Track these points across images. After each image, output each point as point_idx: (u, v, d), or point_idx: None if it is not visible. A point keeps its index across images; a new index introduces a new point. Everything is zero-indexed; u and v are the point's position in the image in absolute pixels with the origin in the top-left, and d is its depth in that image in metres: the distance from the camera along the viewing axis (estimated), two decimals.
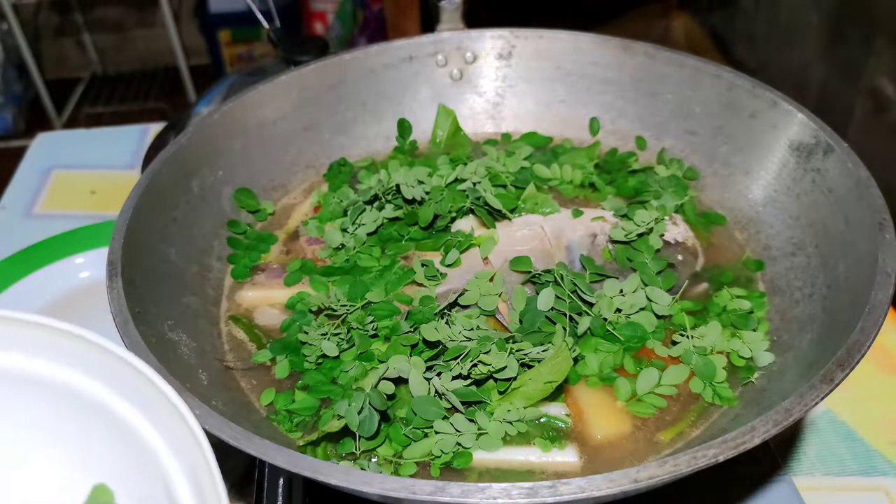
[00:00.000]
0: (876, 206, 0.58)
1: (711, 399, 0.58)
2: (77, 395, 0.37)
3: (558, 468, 0.55)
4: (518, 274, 0.66)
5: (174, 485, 0.34)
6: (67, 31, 3.11)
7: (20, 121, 2.88)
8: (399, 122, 0.86)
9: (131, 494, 0.37)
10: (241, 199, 0.76)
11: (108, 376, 0.36)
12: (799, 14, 1.92)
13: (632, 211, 0.71)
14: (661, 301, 0.63)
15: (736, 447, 0.43)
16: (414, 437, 0.55)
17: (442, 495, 0.41)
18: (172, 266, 0.66)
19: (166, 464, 0.35)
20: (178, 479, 0.34)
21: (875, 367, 0.80)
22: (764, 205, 0.72)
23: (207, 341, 0.64)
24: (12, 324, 0.36)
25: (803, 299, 0.63)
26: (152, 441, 0.36)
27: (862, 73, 1.63)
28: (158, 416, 0.35)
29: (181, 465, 0.34)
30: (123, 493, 0.37)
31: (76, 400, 0.37)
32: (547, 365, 0.55)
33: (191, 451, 0.33)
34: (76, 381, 0.37)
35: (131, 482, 0.37)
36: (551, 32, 0.84)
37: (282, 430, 0.58)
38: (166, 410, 0.35)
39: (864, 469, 0.71)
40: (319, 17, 2.79)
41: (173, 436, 0.35)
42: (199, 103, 1.02)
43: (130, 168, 1.15)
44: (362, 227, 0.73)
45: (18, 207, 1.08)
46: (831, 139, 0.65)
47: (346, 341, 0.62)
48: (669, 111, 0.81)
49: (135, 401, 0.36)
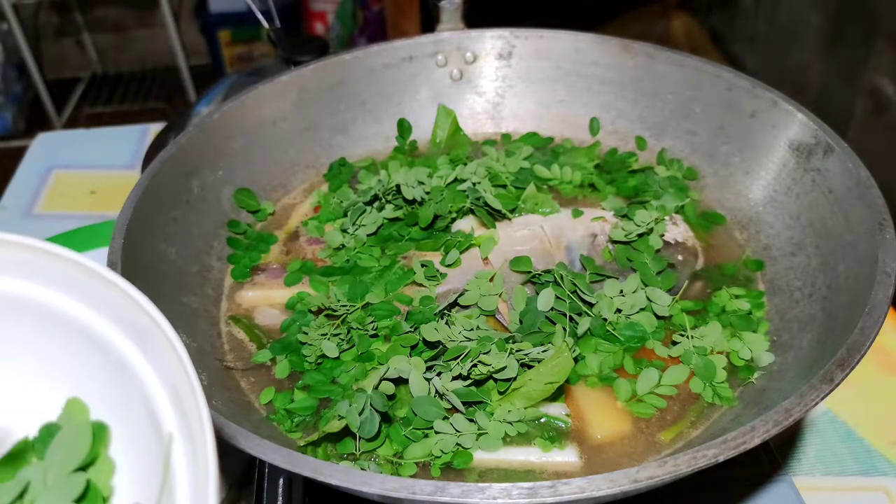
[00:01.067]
0: (876, 206, 0.58)
1: (711, 399, 0.58)
2: (52, 312, 0.36)
3: (558, 468, 0.55)
4: (518, 274, 0.66)
5: (155, 403, 0.34)
6: (67, 31, 3.11)
7: (20, 121, 2.87)
8: (399, 122, 0.86)
9: (109, 410, 0.36)
10: (241, 199, 0.76)
11: (87, 294, 0.35)
12: (799, 14, 1.92)
13: (632, 211, 0.71)
14: (661, 301, 0.63)
15: (736, 447, 0.43)
16: (414, 438, 0.55)
17: (442, 495, 0.41)
18: (172, 266, 0.66)
19: (147, 382, 0.34)
20: (159, 398, 0.34)
21: (875, 367, 0.80)
22: (764, 205, 0.72)
23: (207, 341, 0.64)
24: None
25: (803, 299, 0.63)
26: (132, 358, 0.35)
27: (862, 73, 1.63)
28: (143, 338, 0.34)
29: (164, 385, 0.34)
30: (101, 409, 0.36)
31: (50, 315, 0.36)
32: (547, 365, 0.55)
33: (173, 372, 0.33)
34: (52, 297, 0.36)
35: (109, 398, 0.36)
36: (551, 32, 0.84)
37: (282, 430, 0.58)
38: (148, 328, 0.34)
39: (864, 469, 0.71)
40: (319, 17, 2.79)
41: (155, 355, 0.34)
42: (199, 103, 1.02)
43: (130, 168, 1.15)
44: (362, 228, 0.73)
45: (18, 207, 1.08)
46: (831, 139, 0.65)
47: (346, 341, 0.62)
48: (669, 111, 0.81)
49: (114, 318, 0.35)
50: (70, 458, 0.34)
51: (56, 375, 0.38)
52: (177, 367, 0.33)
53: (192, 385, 0.31)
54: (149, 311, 0.33)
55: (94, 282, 0.35)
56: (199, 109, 1.00)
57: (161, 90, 3.06)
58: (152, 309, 0.33)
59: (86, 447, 0.35)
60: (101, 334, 0.36)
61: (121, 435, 0.36)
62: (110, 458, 0.36)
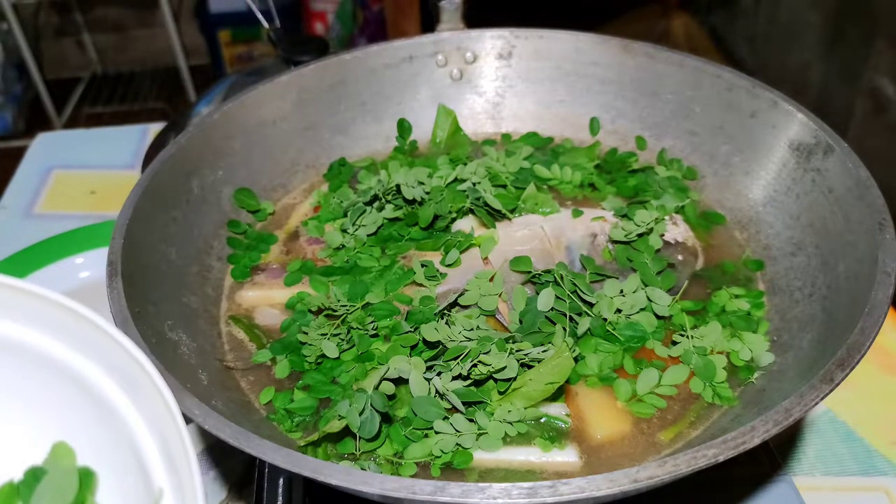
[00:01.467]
0: (876, 206, 0.58)
1: (711, 399, 0.58)
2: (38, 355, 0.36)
3: (558, 468, 0.55)
4: (518, 274, 0.66)
5: (144, 453, 0.34)
6: (67, 31, 3.11)
7: (20, 121, 2.88)
8: (399, 122, 0.86)
9: (96, 455, 0.36)
10: (241, 199, 0.76)
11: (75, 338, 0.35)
12: (799, 14, 1.92)
13: (632, 211, 0.71)
14: (661, 301, 0.63)
15: (736, 447, 0.43)
16: (414, 438, 0.55)
17: (442, 495, 0.41)
18: (172, 266, 0.66)
19: (136, 431, 0.34)
20: (149, 448, 0.34)
21: (875, 367, 0.80)
22: (764, 205, 0.72)
23: (207, 341, 0.64)
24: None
25: (803, 299, 0.63)
26: (123, 408, 0.34)
27: (862, 73, 1.63)
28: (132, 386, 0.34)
29: (153, 436, 0.34)
30: (89, 454, 0.36)
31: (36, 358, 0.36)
32: (548, 365, 0.55)
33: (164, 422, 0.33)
34: (39, 340, 0.36)
35: (97, 444, 0.36)
36: (551, 32, 0.84)
37: (282, 430, 0.58)
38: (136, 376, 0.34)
39: (864, 469, 0.71)
40: (319, 17, 2.79)
41: (146, 405, 0.34)
42: (199, 103, 1.02)
43: (130, 168, 1.15)
44: (362, 228, 0.73)
45: (18, 207, 1.08)
46: (831, 139, 0.65)
47: (346, 341, 0.62)
48: (669, 111, 0.81)
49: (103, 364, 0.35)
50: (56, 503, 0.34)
51: (42, 419, 0.37)
52: (166, 418, 0.32)
53: (182, 438, 0.31)
54: (138, 358, 0.33)
55: (82, 326, 0.34)
56: (199, 109, 1.00)
57: (161, 90, 3.06)
58: (141, 356, 0.33)
59: (72, 493, 0.34)
60: (89, 379, 0.35)
61: (108, 481, 0.36)
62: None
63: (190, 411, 0.46)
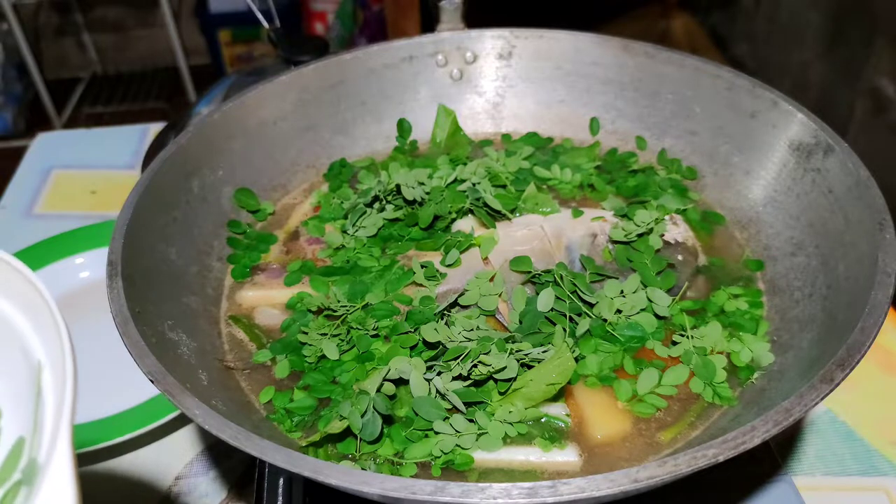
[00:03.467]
0: (876, 206, 0.58)
1: (711, 399, 0.58)
2: None
3: (559, 468, 0.55)
4: (518, 274, 0.66)
5: (26, 340, 0.35)
6: (67, 31, 3.11)
7: (20, 121, 2.88)
8: (399, 122, 0.86)
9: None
10: (241, 199, 0.76)
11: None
12: (799, 14, 1.92)
13: (632, 211, 0.71)
14: (662, 301, 0.63)
15: (736, 447, 0.43)
16: (414, 438, 0.55)
17: (442, 495, 0.41)
18: (172, 266, 0.66)
19: (15, 323, 0.36)
20: (28, 335, 0.35)
21: (875, 367, 0.80)
22: (764, 205, 0.72)
23: (207, 341, 0.64)
24: None
25: (803, 299, 0.63)
26: (5, 310, 0.36)
27: (862, 73, 1.63)
28: (8, 287, 0.36)
29: (28, 319, 0.35)
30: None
31: None
32: (549, 366, 0.55)
33: (33, 304, 0.34)
34: None
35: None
36: (551, 32, 0.84)
37: (282, 430, 0.58)
38: (15, 280, 0.35)
39: (864, 469, 0.71)
40: (319, 17, 2.79)
41: (15, 295, 0.35)
42: (199, 103, 1.02)
43: (130, 168, 1.15)
44: (362, 230, 0.73)
45: (18, 207, 1.08)
46: (831, 139, 0.65)
47: (346, 342, 0.62)
48: (669, 111, 0.81)
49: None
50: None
51: None
52: (33, 295, 0.34)
53: (49, 307, 0.33)
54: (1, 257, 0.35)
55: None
56: (199, 109, 1.00)
57: (161, 90, 3.06)
58: (3, 254, 0.35)
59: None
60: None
61: (2, 382, 0.37)
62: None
63: (190, 411, 0.46)
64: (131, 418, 0.71)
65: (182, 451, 0.74)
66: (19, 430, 0.36)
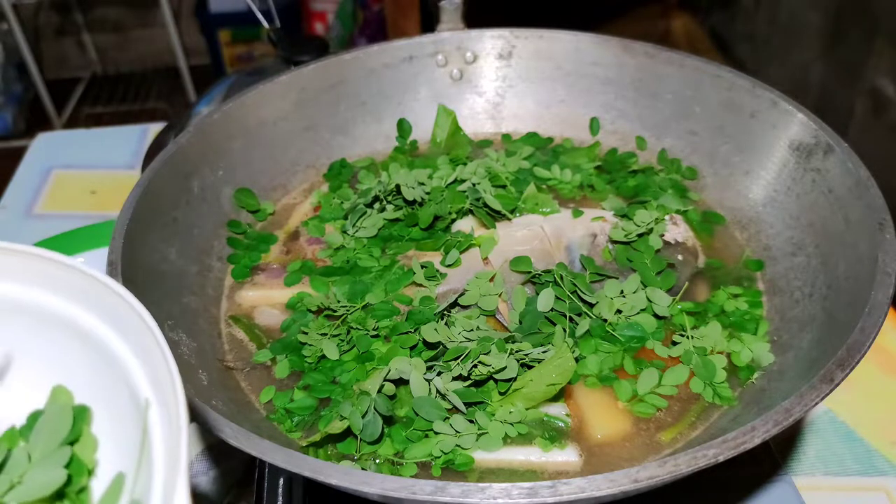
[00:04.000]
0: (876, 206, 0.58)
1: (711, 399, 0.58)
2: (42, 313, 0.38)
3: (559, 468, 0.55)
4: (518, 274, 0.66)
5: (132, 376, 0.35)
6: (67, 31, 3.11)
7: (20, 121, 2.87)
8: (399, 122, 0.86)
9: (92, 392, 0.38)
10: (241, 199, 0.76)
11: (60, 287, 0.37)
12: (799, 14, 1.92)
13: (632, 211, 0.71)
14: (662, 302, 0.63)
15: (736, 447, 0.43)
16: (414, 438, 0.55)
17: (442, 495, 0.41)
18: (172, 266, 0.66)
19: (123, 358, 0.36)
20: (135, 371, 0.35)
21: (875, 367, 0.80)
22: (764, 205, 0.72)
23: (207, 341, 0.64)
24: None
25: (803, 299, 0.63)
26: (108, 339, 0.36)
27: (862, 73, 1.63)
28: (111, 314, 0.36)
29: (136, 356, 0.35)
30: (85, 392, 0.38)
31: (40, 316, 0.38)
32: (549, 366, 0.55)
33: (145, 344, 0.34)
34: (42, 299, 0.38)
35: (92, 381, 0.37)
36: (551, 32, 0.84)
37: (282, 430, 0.58)
38: (116, 306, 0.35)
39: (864, 469, 0.71)
40: (319, 17, 2.79)
41: (128, 331, 0.35)
42: (199, 103, 1.02)
43: (130, 168, 1.15)
44: (363, 231, 0.73)
45: (18, 207, 1.08)
46: (831, 139, 0.65)
47: (347, 342, 0.62)
48: (669, 111, 0.81)
49: (88, 305, 0.37)
50: (53, 436, 0.36)
51: (41, 368, 0.39)
52: (144, 332, 0.34)
53: (163, 350, 0.33)
54: (116, 290, 0.35)
55: (62, 273, 0.36)
56: (199, 109, 1.00)
57: (161, 90, 3.06)
58: (118, 287, 0.35)
59: (67, 426, 0.36)
60: (78, 322, 0.37)
61: (104, 413, 0.38)
62: (93, 435, 0.37)
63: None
64: None
65: None
66: (119, 465, 0.36)
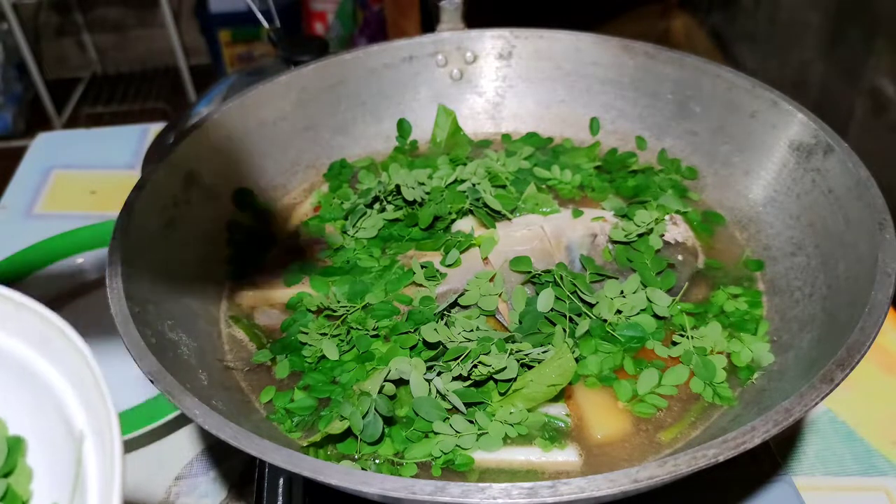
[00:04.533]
0: (876, 206, 0.58)
1: (711, 399, 0.58)
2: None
3: (559, 468, 0.55)
4: (518, 274, 0.66)
5: (66, 405, 0.35)
6: (67, 31, 3.11)
7: (20, 121, 2.87)
8: (399, 122, 0.86)
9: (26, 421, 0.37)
10: (241, 199, 0.76)
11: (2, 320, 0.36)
12: (799, 14, 1.92)
13: (632, 211, 0.71)
14: (662, 302, 0.63)
15: (736, 447, 0.43)
16: (414, 439, 0.55)
17: (442, 495, 0.41)
18: (172, 266, 0.66)
19: (56, 386, 0.35)
20: (69, 400, 0.35)
21: (875, 367, 0.80)
22: (764, 205, 0.72)
23: (207, 341, 0.64)
24: None
25: (803, 299, 0.63)
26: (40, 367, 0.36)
27: (862, 73, 1.63)
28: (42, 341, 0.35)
29: (71, 385, 0.35)
30: (20, 422, 0.38)
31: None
32: (550, 367, 0.55)
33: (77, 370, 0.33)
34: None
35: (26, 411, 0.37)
36: (551, 32, 0.84)
37: (282, 430, 0.58)
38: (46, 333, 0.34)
39: (864, 469, 0.71)
40: (319, 17, 2.79)
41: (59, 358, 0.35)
42: (199, 103, 1.02)
43: (130, 168, 1.15)
44: (363, 231, 0.73)
45: (18, 207, 1.08)
46: (831, 139, 0.65)
47: (346, 342, 0.62)
48: (669, 111, 0.81)
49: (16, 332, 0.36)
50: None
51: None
52: (80, 364, 0.33)
53: (96, 378, 0.32)
54: (50, 318, 0.34)
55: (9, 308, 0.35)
56: (199, 109, 1.00)
57: (161, 90, 3.06)
58: (47, 312, 0.34)
59: (1, 457, 0.36)
60: (11, 352, 0.37)
61: (38, 443, 0.37)
62: (28, 466, 0.37)
63: (190, 411, 0.46)
64: (131, 418, 0.71)
65: (182, 451, 0.74)
66: (54, 495, 0.35)
